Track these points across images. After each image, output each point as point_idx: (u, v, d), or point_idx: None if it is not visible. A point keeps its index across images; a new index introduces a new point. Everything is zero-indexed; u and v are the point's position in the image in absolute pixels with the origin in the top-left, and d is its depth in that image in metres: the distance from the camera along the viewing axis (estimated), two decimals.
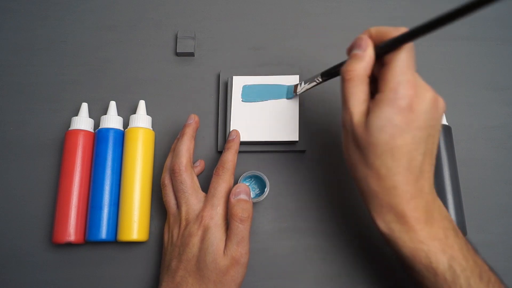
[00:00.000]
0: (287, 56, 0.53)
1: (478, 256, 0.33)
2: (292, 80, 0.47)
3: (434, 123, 0.32)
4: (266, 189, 0.43)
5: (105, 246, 0.45)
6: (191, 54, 0.52)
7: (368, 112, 0.32)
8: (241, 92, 0.47)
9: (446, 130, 0.46)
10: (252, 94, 0.47)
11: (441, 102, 0.33)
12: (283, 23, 0.54)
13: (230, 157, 0.42)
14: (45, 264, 0.44)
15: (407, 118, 0.31)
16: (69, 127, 0.47)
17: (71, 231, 0.42)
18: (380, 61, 0.34)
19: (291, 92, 0.46)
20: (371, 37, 0.34)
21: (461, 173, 0.45)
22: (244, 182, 0.45)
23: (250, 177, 0.45)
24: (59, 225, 0.42)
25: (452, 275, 0.31)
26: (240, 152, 0.46)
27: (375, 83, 0.34)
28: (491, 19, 0.54)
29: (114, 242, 0.44)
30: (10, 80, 0.52)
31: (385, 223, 0.33)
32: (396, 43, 0.32)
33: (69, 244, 0.44)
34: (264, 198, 0.44)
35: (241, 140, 0.45)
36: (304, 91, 0.44)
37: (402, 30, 0.32)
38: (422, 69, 0.52)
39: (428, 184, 0.33)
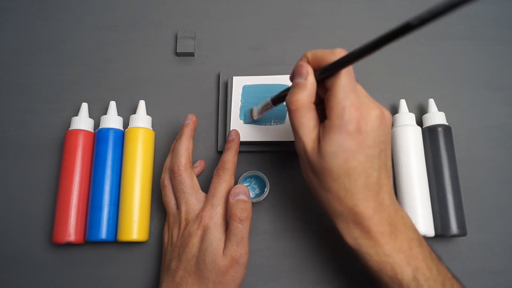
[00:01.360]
0: (287, 56, 0.53)
1: (442, 265, 0.34)
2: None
3: (383, 138, 0.34)
4: (266, 189, 0.43)
5: (105, 246, 0.45)
6: (191, 54, 0.52)
7: (319, 139, 0.34)
8: (241, 92, 0.47)
9: (446, 130, 0.46)
10: (252, 96, 0.47)
11: (387, 116, 0.34)
12: (283, 23, 0.54)
13: (230, 157, 0.42)
14: (45, 264, 0.44)
15: (357, 140, 0.32)
16: (69, 127, 0.47)
17: (71, 231, 0.42)
18: (323, 86, 0.35)
19: (248, 117, 0.46)
20: (308, 62, 0.35)
21: (461, 173, 0.45)
22: (244, 182, 0.45)
23: (250, 177, 0.45)
24: (59, 225, 0.42)
25: (416, 285, 0.32)
26: (240, 152, 0.46)
27: (323, 104, 0.35)
28: (491, 19, 0.54)
29: (114, 242, 0.44)
30: (10, 80, 0.52)
31: (353, 239, 0.34)
32: (333, 68, 0.33)
33: (69, 244, 0.44)
34: (264, 198, 0.44)
35: (241, 140, 0.45)
36: (259, 116, 0.44)
37: (337, 52, 0.33)
38: (422, 69, 0.52)
39: (388, 196, 0.34)
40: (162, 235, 0.45)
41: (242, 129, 0.46)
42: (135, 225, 0.43)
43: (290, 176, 0.47)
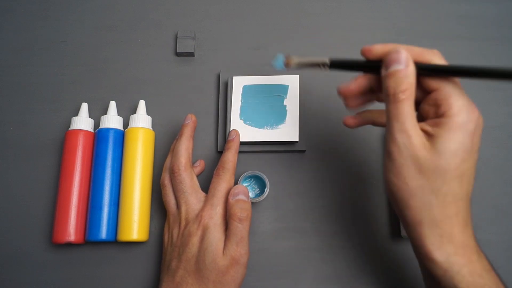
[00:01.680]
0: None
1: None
2: (292, 80, 0.47)
3: (480, 144, 0.32)
4: (266, 189, 0.43)
5: (105, 246, 0.45)
6: (191, 54, 0.52)
7: (423, 135, 0.31)
8: (241, 92, 0.47)
9: None
10: (252, 96, 0.47)
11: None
12: (283, 23, 0.54)
13: (230, 157, 0.42)
14: (45, 264, 0.44)
15: (472, 142, 0.30)
16: (69, 127, 0.47)
17: (71, 231, 0.42)
18: (421, 84, 0.33)
19: (281, 62, 0.40)
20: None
21: None
22: (244, 182, 0.45)
23: (250, 177, 0.45)
24: (59, 225, 0.42)
25: None
26: (240, 152, 0.46)
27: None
28: (491, 19, 0.54)
29: (114, 242, 0.44)
30: (10, 80, 0.52)
31: (445, 256, 0.30)
32: (447, 73, 0.32)
33: (69, 244, 0.44)
34: (264, 198, 0.44)
35: (241, 140, 0.45)
36: (298, 66, 0.40)
37: (437, 53, 0.33)
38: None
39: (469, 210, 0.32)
40: (162, 235, 0.45)
41: (242, 129, 0.46)
42: (135, 225, 0.43)
43: (290, 176, 0.47)
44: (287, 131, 0.46)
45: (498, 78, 0.30)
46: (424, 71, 0.32)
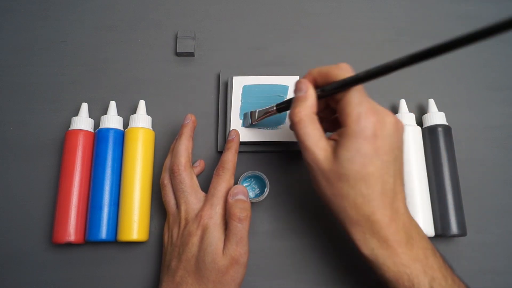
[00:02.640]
0: (287, 56, 0.53)
1: (455, 274, 0.34)
2: (292, 80, 0.47)
3: (398, 145, 0.34)
4: (266, 189, 0.43)
5: (105, 246, 0.45)
6: (191, 54, 0.52)
7: (330, 146, 0.34)
8: (241, 92, 0.47)
9: (446, 130, 0.46)
10: (252, 96, 0.47)
11: (401, 124, 0.35)
12: (283, 23, 0.54)
13: (230, 157, 0.42)
14: (45, 264, 0.44)
15: (373, 146, 0.32)
16: (69, 127, 0.47)
17: (71, 231, 0.42)
18: (333, 97, 0.36)
19: (247, 121, 0.45)
20: (314, 78, 0.36)
21: (461, 173, 0.45)
22: (244, 182, 0.45)
23: (250, 177, 0.45)
24: (59, 225, 0.42)
25: None
26: (240, 152, 0.46)
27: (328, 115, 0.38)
28: (491, 19, 0.54)
29: (114, 242, 0.44)
30: (10, 80, 0.52)
31: (370, 250, 0.33)
32: (343, 86, 0.34)
33: (69, 244, 0.44)
34: (264, 198, 0.44)
35: (241, 140, 0.45)
36: (259, 121, 0.44)
37: (342, 67, 0.34)
38: (422, 69, 0.52)
39: (402, 204, 0.34)
40: (162, 235, 0.45)
41: (242, 129, 0.46)
42: (135, 225, 0.43)
43: (290, 176, 0.48)
44: (287, 131, 0.46)
45: (387, 73, 0.31)
46: (333, 90, 0.35)
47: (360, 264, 0.44)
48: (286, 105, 0.40)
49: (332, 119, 0.40)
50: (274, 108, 0.42)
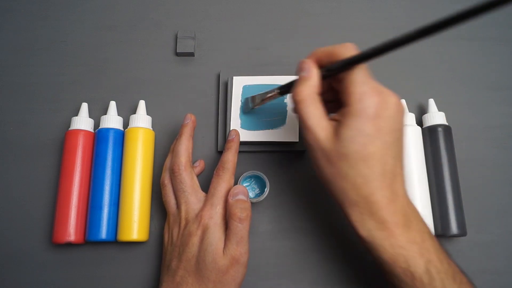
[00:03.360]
0: (287, 56, 0.53)
1: (451, 259, 0.34)
2: (292, 80, 0.47)
3: (400, 126, 0.34)
4: (266, 189, 0.43)
5: (105, 246, 0.45)
6: (191, 54, 0.52)
7: (331, 126, 0.34)
8: (241, 92, 0.47)
9: (446, 130, 0.46)
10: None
11: (402, 106, 0.34)
12: (283, 23, 0.54)
13: (230, 157, 0.42)
14: (45, 264, 0.44)
15: (375, 126, 0.32)
16: (69, 127, 0.47)
17: (71, 231, 0.42)
18: (337, 78, 0.35)
19: (247, 106, 0.45)
20: (319, 58, 0.36)
21: (461, 173, 0.45)
22: (244, 182, 0.45)
23: (250, 177, 0.45)
24: (59, 225, 0.42)
25: (428, 278, 0.32)
26: (240, 152, 0.46)
27: (334, 102, 0.37)
28: (491, 19, 0.54)
29: (114, 242, 0.44)
30: (10, 80, 0.52)
31: (367, 231, 0.33)
32: (348, 65, 0.33)
33: (69, 244, 0.44)
34: (264, 198, 0.44)
35: (241, 140, 0.45)
36: (261, 104, 0.44)
37: (348, 46, 0.34)
38: (422, 69, 0.52)
39: (402, 187, 0.34)
40: (162, 235, 0.45)
41: (242, 129, 0.46)
42: (135, 225, 0.43)
43: (290, 176, 0.48)
44: (287, 131, 0.46)
45: (394, 48, 0.31)
46: (337, 69, 0.34)
47: (360, 264, 0.44)
48: (288, 88, 0.40)
49: (335, 101, 0.39)
50: (276, 91, 0.41)
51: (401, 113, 0.34)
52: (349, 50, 0.34)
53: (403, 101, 0.47)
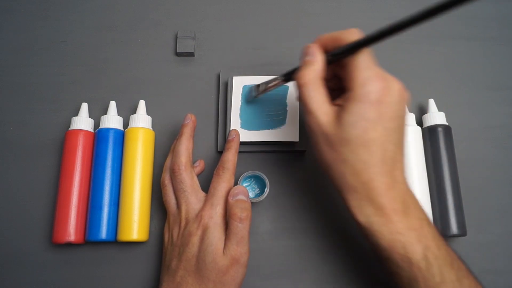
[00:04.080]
0: (287, 56, 0.53)
1: (449, 246, 0.34)
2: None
3: (402, 113, 0.34)
4: (266, 189, 0.43)
5: (105, 246, 0.45)
6: (191, 54, 0.52)
7: (333, 111, 0.34)
8: (241, 92, 0.47)
9: (446, 130, 0.46)
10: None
11: (406, 94, 0.34)
12: (283, 23, 0.54)
13: (230, 157, 0.42)
14: (45, 264, 0.44)
15: (378, 111, 0.32)
16: (69, 127, 0.47)
17: (71, 231, 0.42)
18: (340, 64, 0.35)
19: (251, 94, 0.45)
20: (324, 44, 0.36)
21: (461, 173, 0.45)
22: (244, 182, 0.45)
23: (250, 177, 0.45)
24: (59, 225, 0.42)
25: (426, 264, 0.32)
26: (240, 152, 0.46)
27: (338, 90, 0.37)
28: (491, 19, 0.54)
29: (114, 242, 0.44)
30: (10, 80, 0.52)
31: (365, 217, 0.33)
32: (353, 49, 0.33)
33: (69, 244, 0.44)
34: (264, 198, 0.44)
35: (241, 140, 0.45)
36: (266, 92, 0.44)
37: (353, 32, 0.34)
38: (422, 69, 0.52)
39: (401, 174, 0.34)
40: (162, 235, 0.45)
41: (242, 129, 0.46)
42: (135, 225, 0.43)
43: (290, 176, 0.47)
44: (287, 131, 0.46)
45: (400, 31, 0.31)
46: (342, 54, 0.34)
47: (360, 264, 0.44)
48: (292, 75, 0.39)
49: (339, 89, 0.39)
50: (280, 78, 0.41)
51: (404, 100, 0.34)
52: (354, 35, 0.34)
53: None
